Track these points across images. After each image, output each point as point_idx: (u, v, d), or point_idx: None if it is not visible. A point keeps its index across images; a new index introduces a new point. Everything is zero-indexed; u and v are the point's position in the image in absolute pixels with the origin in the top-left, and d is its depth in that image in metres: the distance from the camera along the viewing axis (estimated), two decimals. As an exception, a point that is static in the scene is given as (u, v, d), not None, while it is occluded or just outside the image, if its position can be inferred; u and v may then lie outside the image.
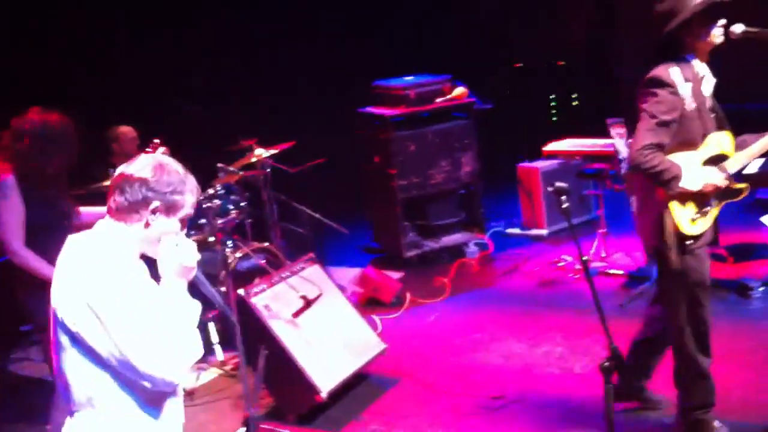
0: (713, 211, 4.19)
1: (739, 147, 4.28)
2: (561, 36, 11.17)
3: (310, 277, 5.59)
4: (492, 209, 8.80)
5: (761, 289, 6.23)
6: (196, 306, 2.88)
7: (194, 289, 2.93)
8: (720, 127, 4.26)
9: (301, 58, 9.48)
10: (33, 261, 4.58)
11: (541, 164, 8.19)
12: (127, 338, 2.64)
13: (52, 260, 4.53)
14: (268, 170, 6.91)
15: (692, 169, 4.10)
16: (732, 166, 4.22)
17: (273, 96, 9.13)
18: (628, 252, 7.09)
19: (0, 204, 4.53)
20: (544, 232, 8.15)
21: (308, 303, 5.30)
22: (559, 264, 7.25)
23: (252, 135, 6.79)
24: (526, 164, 8.32)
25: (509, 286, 7.16)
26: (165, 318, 2.74)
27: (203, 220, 6.12)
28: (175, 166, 2.86)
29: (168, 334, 2.71)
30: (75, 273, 2.74)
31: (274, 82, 9.25)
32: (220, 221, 6.27)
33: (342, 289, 6.90)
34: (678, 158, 4.11)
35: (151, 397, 2.81)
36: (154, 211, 2.80)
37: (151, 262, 2.90)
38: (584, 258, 3.48)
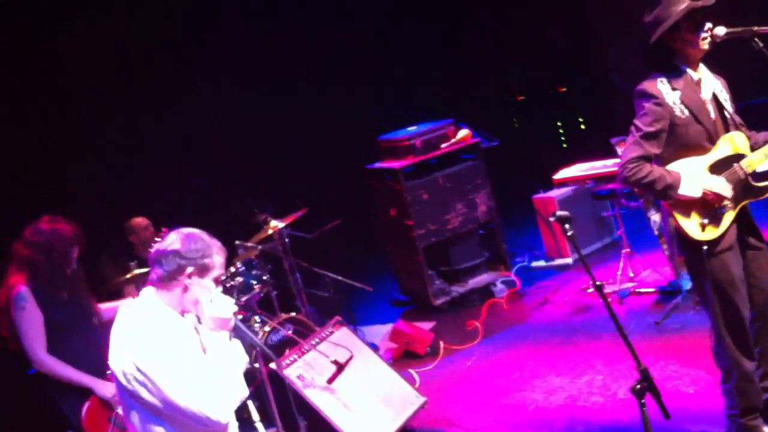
0: (728, 215, 4.14)
1: (758, 144, 4.25)
2: (556, 64, 11.21)
3: (340, 340, 5.58)
4: (514, 244, 8.79)
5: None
6: (238, 351, 3.35)
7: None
8: (731, 128, 4.24)
9: (298, 125, 9.55)
10: (58, 367, 4.68)
11: (556, 193, 8.17)
12: (175, 387, 3.06)
13: (78, 361, 4.63)
14: (287, 240, 6.96)
15: (694, 176, 4.09)
16: (750, 164, 4.18)
17: (277, 164, 9.18)
18: (655, 268, 7.01)
19: (18, 316, 4.63)
20: (569, 260, 8.09)
21: (340, 367, 5.28)
22: (589, 290, 7.18)
23: (263, 206, 6.83)
24: (541, 195, 8.31)
25: (542, 319, 7.09)
26: (209, 365, 3.16)
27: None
28: (200, 233, 3.34)
29: (213, 378, 3.13)
30: (123, 338, 3.17)
31: (275, 151, 9.33)
32: (244, 297, 6.32)
33: (375, 347, 6.92)
34: (681, 165, 4.11)
35: None
36: (189, 276, 3.24)
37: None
38: (597, 283, 3.41)
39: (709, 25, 4.08)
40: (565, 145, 11.41)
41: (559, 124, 11.58)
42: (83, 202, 7.17)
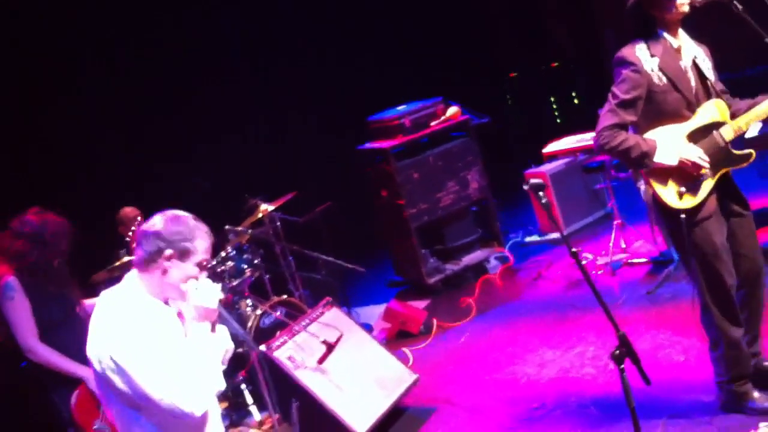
0: (707, 183, 4.11)
1: (740, 111, 4.22)
2: (548, 38, 11.16)
3: (330, 320, 5.57)
4: (509, 221, 8.76)
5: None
6: (220, 343, 3.26)
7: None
8: (713, 96, 4.21)
9: (289, 107, 9.51)
10: (49, 356, 4.68)
11: (548, 167, 8.13)
12: (148, 379, 2.99)
13: (71, 353, 4.63)
14: (278, 224, 6.94)
15: (671, 143, 4.06)
16: (730, 132, 4.16)
17: (266, 148, 9.16)
18: (648, 239, 6.99)
19: (7, 306, 4.63)
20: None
21: (330, 347, 5.27)
22: (582, 263, 7.14)
23: (253, 191, 6.82)
24: (533, 170, 8.27)
25: (535, 294, 7.08)
26: (188, 356, 3.08)
27: (219, 285, 6.16)
28: (184, 216, 3.23)
29: (190, 370, 3.05)
30: (100, 326, 3.11)
31: (264, 134, 9.32)
32: (235, 282, 6.32)
33: (369, 328, 6.92)
34: (658, 132, 4.10)
35: None
36: (168, 258, 3.13)
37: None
38: (573, 250, 3.39)
39: None
40: (559, 121, 11.35)
41: (552, 99, 11.52)
42: (69, 192, 7.13)
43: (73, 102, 7.62)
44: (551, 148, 7.52)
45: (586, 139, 7.25)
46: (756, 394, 4.29)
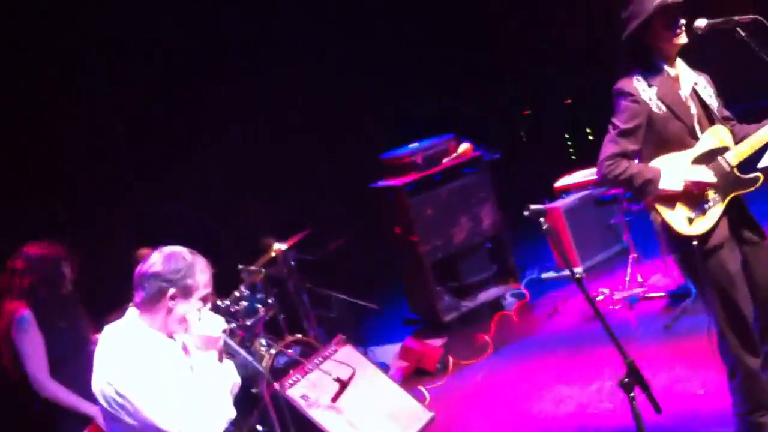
0: (716, 208, 4.07)
1: (744, 136, 4.19)
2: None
3: (343, 358, 5.54)
4: (525, 257, 8.71)
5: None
6: (228, 371, 3.27)
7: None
8: (716, 123, 4.19)
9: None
10: (60, 392, 4.68)
11: (562, 203, 8.08)
12: (156, 410, 2.98)
13: (81, 388, 4.62)
14: (293, 262, 6.93)
15: (676, 169, 4.04)
16: (735, 157, 4.13)
17: (278, 186, 9.17)
18: (664, 273, 6.92)
19: (20, 339, 4.65)
20: (579, 269, 8.00)
21: (343, 384, 5.23)
22: (598, 298, 7.09)
23: (267, 230, 6.82)
24: (547, 206, 8.21)
25: (552, 329, 7.02)
26: (196, 386, 3.09)
27: (233, 325, 6.15)
28: (181, 252, 3.21)
29: (199, 400, 3.05)
30: (104, 359, 3.11)
31: (277, 172, 9.29)
32: (249, 321, 6.30)
33: (386, 367, 6.86)
34: (663, 160, 4.08)
35: None
36: (173, 297, 3.13)
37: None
38: (577, 275, 3.35)
39: (683, 21, 4.06)
40: (574, 157, 11.35)
41: (566, 136, 11.54)
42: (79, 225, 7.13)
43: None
44: (563, 182, 7.50)
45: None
46: (776, 426, 4.20)
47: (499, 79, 11.20)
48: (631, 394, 3.15)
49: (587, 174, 7.39)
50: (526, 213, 3.40)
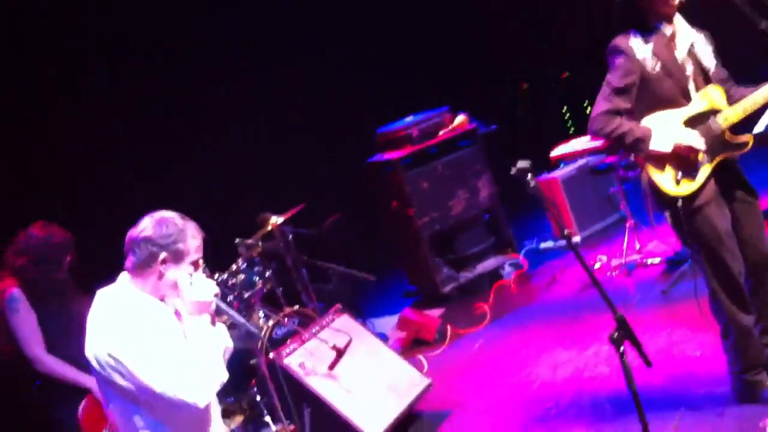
0: (704, 169, 4.07)
1: (739, 98, 4.18)
2: (559, 47, 11.13)
3: (340, 326, 5.55)
4: (524, 229, 8.72)
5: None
6: (221, 335, 3.27)
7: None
8: (712, 82, 4.17)
9: (294, 120, 9.48)
10: (57, 366, 4.70)
11: (560, 173, 8.08)
12: (149, 372, 2.99)
13: (77, 365, 4.63)
14: (290, 236, 6.93)
15: (667, 130, 4.03)
16: (726, 119, 4.12)
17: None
18: (662, 239, 6.92)
19: (12, 318, 4.67)
20: (577, 238, 8.01)
21: (340, 352, 5.24)
22: (596, 266, 7.09)
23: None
24: (544, 176, 8.22)
25: (550, 298, 7.03)
26: (187, 350, 3.09)
27: (230, 297, 6.17)
28: (172, 217, 3.21)
29: (191, 362, 3.05)
30: (97, 324, 3.12)
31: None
32: (247, 294, 6.31)
33: (384, 337, 6.89)
34: (654, 119, 4.08)
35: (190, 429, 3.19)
36: (163, 262, 3.14)
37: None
38: (566, 231, 3.35)
39: None
40: (572, 130, 11.32)
41: (564, 109, 11.51)
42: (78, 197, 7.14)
43: (73, 102, 7.62)
44: (559, 151, 7.49)
45: (592, 140, 7.20)
46: (772, 385, 4.22)
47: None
48: (621, 349, 3.14)
49: (583, 142, 7.37)
50: (512, 171, 3.37)
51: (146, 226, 3.19)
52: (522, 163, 3.35)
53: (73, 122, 7.55)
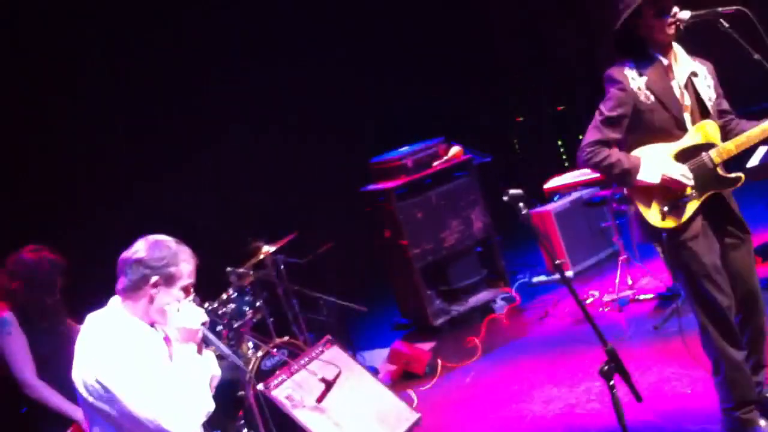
0: (692, 204, 4.04)
1: (738, 133, 4.16)
2: (554, 81, 11.18)
3: (330, 359, 5.49)
4: (516, 261, 8.69)
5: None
6: (208, 363, 3.24)
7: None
8: (711, 115, 4.15)
9: (298, 147, 9.45)
10: (45, 392, 4.69)
11: (553, 206, 8.06)
12: (136, 401, 2.96)
13: (65, 389, 4.57)
14: (282, 266, 6.89)
15: (656, 162, 4.01)
16: (719, 154, 4.09)
17: (278, 186, 9.14)
18: (654, 274, 6.89)
19: (4, 341, 4.65)
20: (569, 273, 7.96)
21: (328, 384, 5.18)
22: (588, 301, 7.05)
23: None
24: (538, 209, 8.21)
25: (541, 332, 6.98)
26: (175, 378, 3.05)
27: (220, 327, 6.12)
28: (166, 240, 3.20)
29: (178, 392, 3.02)
30: (85, 349, 3.08)
31: (276, 172, 9.23)
32: (236, 323, 6.26)
33: (374, 370, 6.82)
34: (644, 150, 4.06)
35: None
36: (155, 285, 3.11)
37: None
38: (557, 261, 3.31)
39: (675, 9, 4.03)
40: (567, 164, 11.33)
41: (559, 143, 11.52)
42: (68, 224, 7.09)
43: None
44: (552, 183, 7.48)
45: (586, 173, 7.19)
46: (762, 422, 4.17)
47: (499, 80, 11.18)
48: (611, 382, 3.09)
49: (576, 175, 7.36)
50: (505, 198, 3.35)
51: (140, 248, 3.18)
52: (514, 191, 3.33)
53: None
